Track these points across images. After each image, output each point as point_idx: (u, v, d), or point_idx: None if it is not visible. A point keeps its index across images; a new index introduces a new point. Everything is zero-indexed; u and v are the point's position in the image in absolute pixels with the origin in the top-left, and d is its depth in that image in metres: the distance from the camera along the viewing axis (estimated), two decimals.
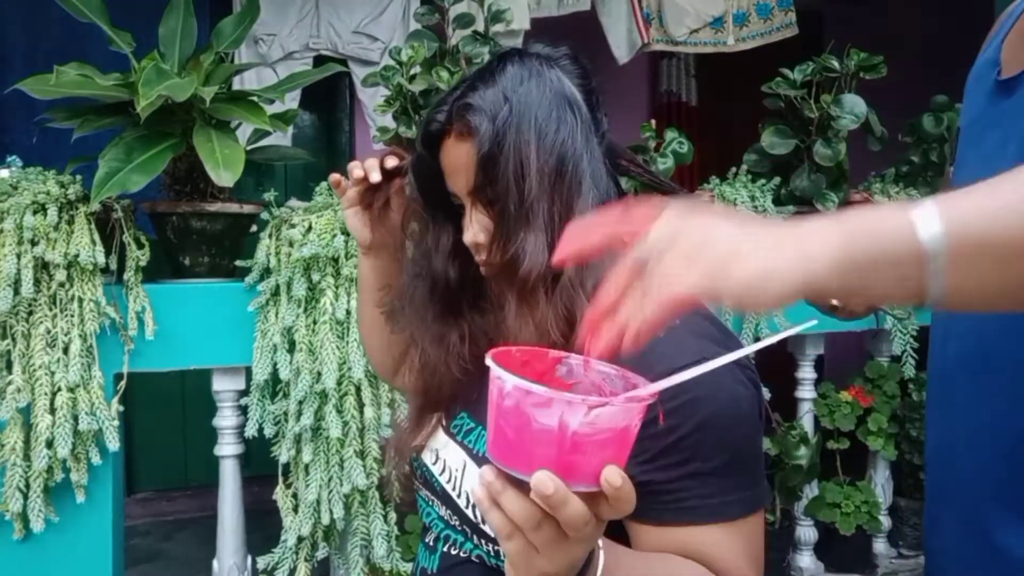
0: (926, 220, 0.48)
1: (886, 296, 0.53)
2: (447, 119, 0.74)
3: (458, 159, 0.73)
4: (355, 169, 0.87)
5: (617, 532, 0.65)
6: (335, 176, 0.92)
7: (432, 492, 0.82)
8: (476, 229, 0.75)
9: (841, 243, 0.48)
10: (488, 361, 0.52)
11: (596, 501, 0.50)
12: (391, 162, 0.86)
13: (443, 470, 0.80)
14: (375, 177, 0.86)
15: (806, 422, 2.26)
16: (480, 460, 0.76)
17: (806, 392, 2.29)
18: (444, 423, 0.84)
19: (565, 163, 0.71)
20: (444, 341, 0.81)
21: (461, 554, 0.77)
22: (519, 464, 0.49)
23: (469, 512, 0.75)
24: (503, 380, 0.50)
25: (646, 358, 0.66)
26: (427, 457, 0.84)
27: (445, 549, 0.80)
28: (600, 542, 0.57)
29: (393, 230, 0.91)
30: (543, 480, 0.48)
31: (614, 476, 0.49)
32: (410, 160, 0.81)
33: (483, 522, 0.73)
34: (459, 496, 0.77)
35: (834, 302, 0.88)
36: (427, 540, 0.84)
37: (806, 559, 2.29)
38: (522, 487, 0.50)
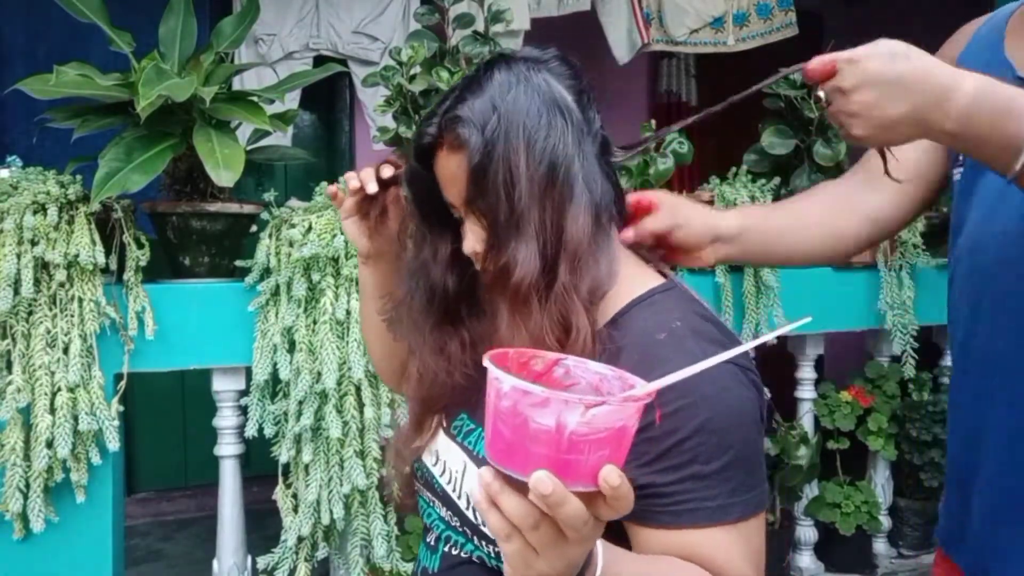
0: None
1: (982, 159, 0.69)
2: (438, 132, 0.73)
3: (451, 171, 0.73)
4: (351, 180, 0.87)
5: (618, 535, 0.65)
6: (332, 188, 0.92)
7: (433, 493, 0.82)
8: (472, 240, 0.74)
9: (968, 121, 0.66)
10: (486, 362, 0.52)
11: (594, 501, 0.50)
12: (387, 172, 0.85)
13: (443, 471, 0.80)
14: (372, 188, 0.85)
15: (806, 422, 2.26)
16: (480, 461, 0.76)
17: (806, 392, 2.29)
18: (444, 424, 0.84)
19: (556, 169, 0.70)
20: (444, 351, 0.81)
21: (462, 555, 0.78)
22: (517, 465, 0.49)
23: (469, 514, 0.75)
24: (500, 381, 0.49)
25: (648, 360, 0.67)
26: (428, 459, 0.84)
27: (446, 549, 0.80)
28: (599, 544, 0.57)
29: (391, 238, 0.91)
30: (542, 479, 0.47)
31: (612, 475, 0.48)
32: (404, 171, 0.81)
33: (483, 524, 0.73)
34: (459, 498, 0.77)
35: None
36: (428, 540, 0.84)
37: (806, 559, 2.29)
38: (520, 488, 0.50)
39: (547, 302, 0.69)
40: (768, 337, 0.58)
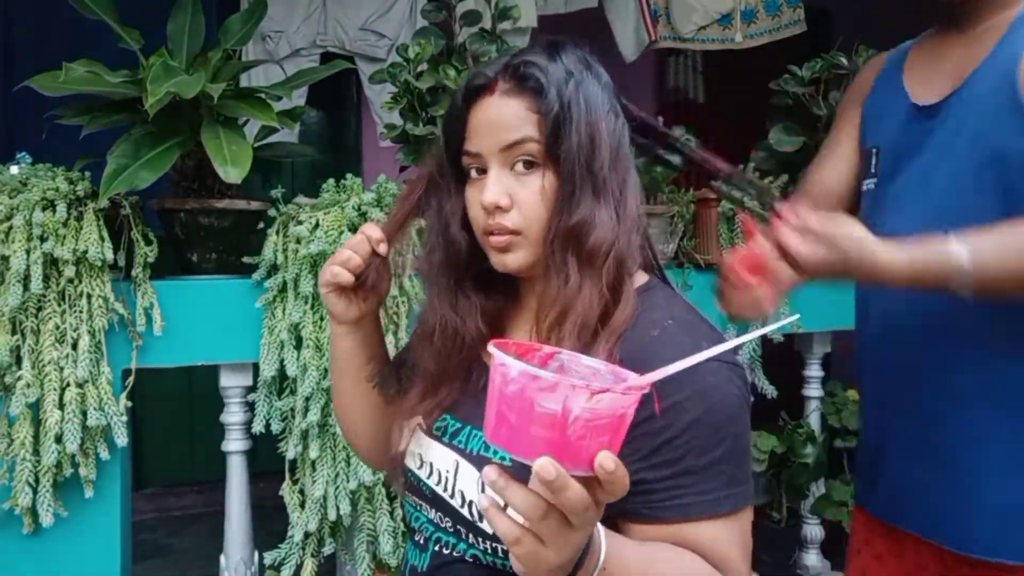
0: (961, 259, 0.84)
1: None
2: (496, 74, 0.74)
3: (502, 114, 0.73)
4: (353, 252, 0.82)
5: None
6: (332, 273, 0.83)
7: (420, 497, 0.81)
8: (499, 191, 0.73)
9: (911, 277, 0.87)
10: (491, 348, 0.53)
11: (591, 486, 0.52)
12: (383, 247, 0.83)
13: (430, 473, 0.80)
14: (383, 248, 0.82)
15: (813, 420, 2.25)
16: (474, 459, 0.76)
17: (813, 390, 2.28)
18: (424, 426, 0.82)
19: (622, 150, 0.75)
20: (457, 308, 0.81)
21: (453, 554, 0.77)
22: (521, 449, 0.51)
23: (464, 511, 0.75)
24: (508, 367, 0.51)
25: (644, 354, 0.68)
26: (411, 462, 0.83)
27: (436, 549, 0.80)
28: (601, 533, 0.58)
29: (376, 291, 0.86)
30: (545, 466, 0.49)
31: (608, 460, 0.50)
32: (446, 113, 0.81)
33: (480, 519, 0.73)
34: (452, 497, 0.76)
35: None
36: (417, 539, 0.83)
37: (812, 557, 2.29)
38: (524, 479, 0.52)
39: (606, 267, 0.72)
40: (752, 336, 0.62)
